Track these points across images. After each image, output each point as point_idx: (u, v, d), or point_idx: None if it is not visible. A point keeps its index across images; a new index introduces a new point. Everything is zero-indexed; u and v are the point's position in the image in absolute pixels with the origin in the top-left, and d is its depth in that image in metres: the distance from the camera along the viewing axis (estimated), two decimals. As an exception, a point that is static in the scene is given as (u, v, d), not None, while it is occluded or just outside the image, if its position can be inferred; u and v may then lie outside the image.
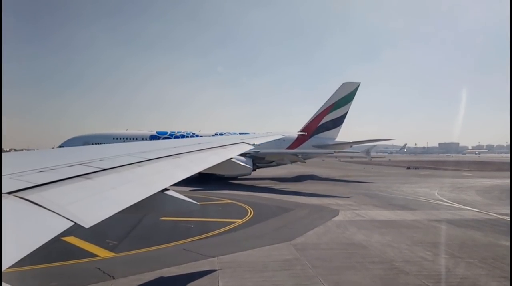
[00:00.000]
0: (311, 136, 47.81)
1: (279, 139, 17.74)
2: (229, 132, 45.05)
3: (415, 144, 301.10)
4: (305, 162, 47.32)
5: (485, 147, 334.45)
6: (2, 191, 2.42)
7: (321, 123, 49.04)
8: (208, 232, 14.61)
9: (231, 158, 7.21)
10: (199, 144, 7.54)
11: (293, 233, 14.63)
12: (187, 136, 43.49)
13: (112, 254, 11.72)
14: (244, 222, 16.80)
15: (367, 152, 45.29)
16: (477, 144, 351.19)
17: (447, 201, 24.79)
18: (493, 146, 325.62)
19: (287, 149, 45.40)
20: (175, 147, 6.36)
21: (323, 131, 48.87)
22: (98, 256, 11.55)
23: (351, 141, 50.87)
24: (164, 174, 4.52)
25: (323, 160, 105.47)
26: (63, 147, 39.68)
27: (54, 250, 10.98)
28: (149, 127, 45.81)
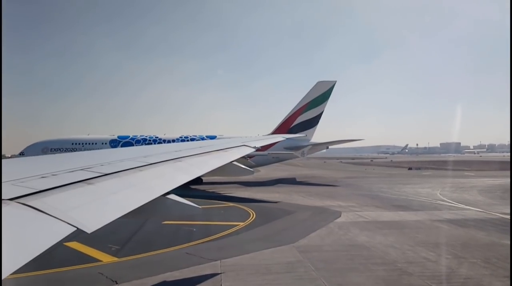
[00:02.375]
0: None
1: None
2: (195, 136, 43.93)
3: (417, 144, 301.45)
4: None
5: (486, 146, 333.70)
6: (5, 197, 2.42)
7: (294, 124, 47.01)
8: (211, 235, 14.60)
9: (232, 161, 7.22)
10: (200, 147, 7.54)
11: (296, 235, 14.61)
12: (150, 140, 42.22)
13: (115, 259, 11.71)
14: (246, 225, 16.78)
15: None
16: (479, 143, 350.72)
17: (449, 201, 24.72)
18: (495, 145, 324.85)
19: (256, 151, 43.93)
20: (176, 151, 6.37)
21: (297, 132, 45.94)
22: (101, 261, 11.54)
23: (326, 142, 48.31)
24: (165, 178, 4.53)
25: (324, 162, 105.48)
26: (23, 154, 38.54)
27: (57, 255, 10.97)
28: (150, 130, 45.61)
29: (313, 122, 47.47)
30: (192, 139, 43.31)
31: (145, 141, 42.23)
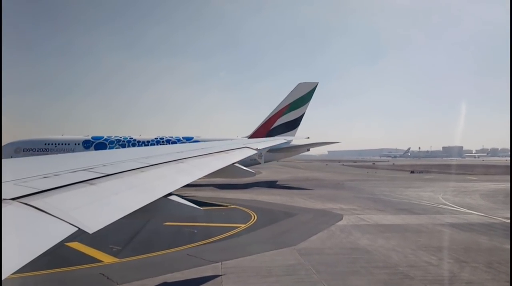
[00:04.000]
0: None
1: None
2: (171, 137, 43.03)
3: (419, 148, 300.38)
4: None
5: (489, 150, 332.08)
6: (7, 197, 2.43)
7: (274, 126, 46.16)
8: (212, 237, 14.59)
9: (234, 163, 7.21)
10: (202, 148, 7.54)
11: (297, 238, 14.58)
12: (124, 141, 41.75)
13: (116, 260, 11.71)
14: (247, 227, 16.76)
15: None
16: (481, 147, 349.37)
17: (451, 205, 24.64)
18: (498, 149, 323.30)
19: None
20: (178, 152, 6.37)
21: (277, 134, 44.86)
22: (102, 261, 11.55)
23: (307, 143, 45.92)
24: (167, 179, 4.53)
25: (326, 164, 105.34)
26: None
27: (58, 255, 10.98)
28: (150, 131, 45.25)
29: (294, 124, 46.62)
30: (168, 141, 42.64)
31: (119, 142, 41.66)
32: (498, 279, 10.01)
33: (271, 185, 40.42)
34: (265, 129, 46.12)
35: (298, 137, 43.02)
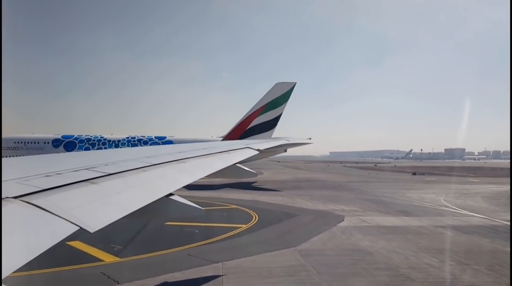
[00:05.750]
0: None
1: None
2: (143, 136, 42.81)
3: (421, 150, 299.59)
4: None
5: (491, 152, 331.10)
6: (9, 195, 2.43)
7: (250, 126, 44.85)
8: (213, 237, 14.59)
9: (236, 163, 7.20)
10: (204, 149, 7.54)
11: (298, 239, 14.57)
12: (94, 140, 41.75)
13: (117, 259, 11.73)
14: (248, 228, 16.76)
15: None
16: (483, 149, 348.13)
17: (453, 207, 24.57)
18: (500, 151, 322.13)
19: None
20: (180, 152, 6.37)
21: (253, 134, 43.85)
22: (103, 260, 11.56)
23: (282, 144, 46.02)
24: (169, 178, 4.53)
25: (328, 165, 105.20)
26: None
27: (59, 254, 11.00)
28: (152, 130, 45.01)
29: (271, 124, 45.48)
30: (139, 140, 42.53)
31: (89, 141, 41.54)
32: (499, 281, 9.97)
33: (246, 186, 37.54)
34: (241, 130, 44.93)
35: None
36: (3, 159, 3.89)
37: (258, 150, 9.20)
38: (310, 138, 42.79)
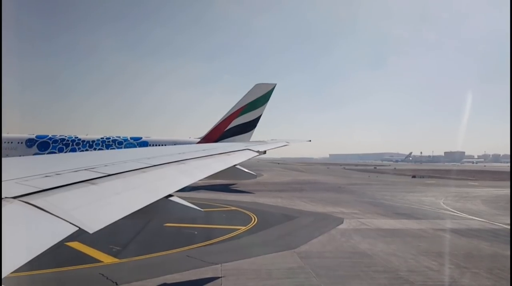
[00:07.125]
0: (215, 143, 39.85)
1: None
2: (119, 137, 42.23)
3: (421, 153, 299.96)
4: None
5: (491, 156, 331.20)
6: (8, 196, 2.43)
7: (228, 128, 43.95)
8: (212, 238, 14.57)
9: (235, 165, 7.20)
10: (204, 150, 7.54)
11: (297, 241, 14.55)
12: (68, 141, 41.34)
13: (116, 260, 11.71)
14: (247, 230, 16.74)
15: None
16: (483, 153, 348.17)
17: (452, 210, 24.55)
18: (500, 155, 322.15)
19: None
20: (179, 153, 6.37)
21: (232, 136, 43.32)
22: (102, 261, 11.55)
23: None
24: (168, 180, 4.53)
25: (328, 168, 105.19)
26: None
27: (58, 255, 10.98)
28: (153, 130, 44.74)
29: (250, 125, 44.76)
30: (114, 141, 42.04)
31: (63, 141, 41.25)
32: (499, 285, 9.96)
33: (223, 188, 35.69)
34: (219, 131, 44.24)
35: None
36: (3, 159, 3.88)
37: (258, 151, 9.18)
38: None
